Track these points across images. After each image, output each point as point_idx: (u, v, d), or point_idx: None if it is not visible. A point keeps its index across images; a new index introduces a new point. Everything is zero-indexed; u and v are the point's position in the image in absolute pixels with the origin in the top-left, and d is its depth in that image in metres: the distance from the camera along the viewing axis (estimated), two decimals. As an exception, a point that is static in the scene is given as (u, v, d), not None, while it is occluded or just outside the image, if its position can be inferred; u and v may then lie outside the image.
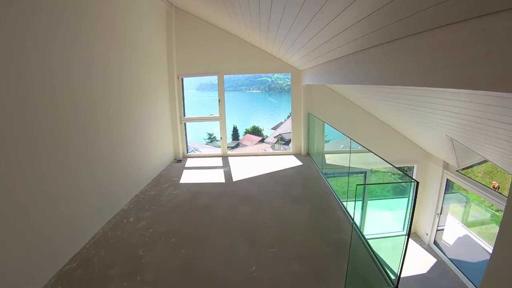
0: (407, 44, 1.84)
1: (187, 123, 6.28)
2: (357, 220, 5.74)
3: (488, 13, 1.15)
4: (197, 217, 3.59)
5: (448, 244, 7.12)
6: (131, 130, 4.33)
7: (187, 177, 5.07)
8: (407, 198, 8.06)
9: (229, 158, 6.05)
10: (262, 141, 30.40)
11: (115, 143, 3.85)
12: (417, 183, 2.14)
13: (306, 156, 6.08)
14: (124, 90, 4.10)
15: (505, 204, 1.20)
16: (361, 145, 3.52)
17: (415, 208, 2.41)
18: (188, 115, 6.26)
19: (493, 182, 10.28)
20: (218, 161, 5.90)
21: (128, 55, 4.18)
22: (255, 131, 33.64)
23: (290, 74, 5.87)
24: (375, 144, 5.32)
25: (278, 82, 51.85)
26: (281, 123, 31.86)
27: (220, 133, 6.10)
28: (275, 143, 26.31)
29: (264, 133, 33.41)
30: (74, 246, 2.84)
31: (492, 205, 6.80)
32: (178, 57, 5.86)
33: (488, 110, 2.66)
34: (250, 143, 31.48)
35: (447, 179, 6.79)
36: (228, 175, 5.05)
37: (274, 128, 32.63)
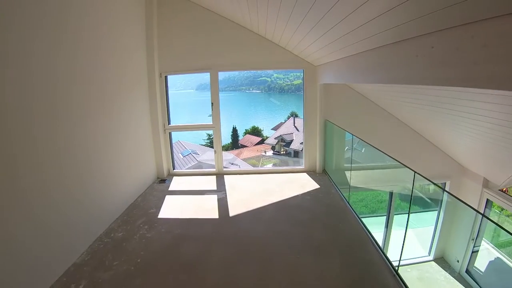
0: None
1: (172, 133, 4.93)
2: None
3: None
4: (176, 287, 2.28)
5: (480, 271, 5.85)
6: (93, 146, 3.03)
7: (170, 207, 3.73)
8: (436, 212, 6.68)
9: (225, 176, 4.70)
10: (262, 142, 29.18)
11: (66, 166, 2.59)
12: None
13: (322, 174, 4.75)
14: (80, 91, 2.78)
15: None
16: (398, 161, 2.81)
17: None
18: (184, 117, 4.91)
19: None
20: (211, 182, 4.56)
21: (87, 45, 2.86)
22: (255, 132, 32.50)
23: (302, 70, 4.53)
24: (400, 155, 3.99)
25: (278, 82, 50.44)
26: (281, 123, 30.72)
27: (214, 146, 4.75)
28: (275, 145, 25.09)
29: (264, 133, 32.29)
30: None
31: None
32: (161, 49, 4.51)
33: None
34: (250, 144, 30.29)
35: (487, 199, 5.54)
36: (223, 205, 3.71)
37: (274, 129, 31.46)
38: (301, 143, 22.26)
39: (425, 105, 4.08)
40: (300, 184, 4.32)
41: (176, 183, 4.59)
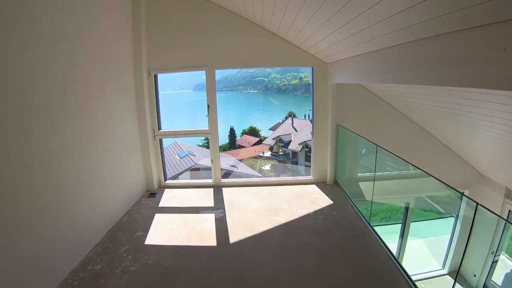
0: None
1: (164, 139, 4.31)
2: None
3: None
4: None
5: (497, 285, 5.33)
6: (71, 156, 2.47)
7: (159, 230, 3.11)
8: (453, 219, 6.07)
9: (223, 189, 4.09)
10: (259, 142, 28.57)
11: (41, 181, 2.12)
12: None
13: (333, 185, 4.16)
14: (58, 92, 2.22)
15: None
16: (424, 171, 2.43)
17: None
18: (181, 117, 4.28)
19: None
20: (208, 196, 3.94)
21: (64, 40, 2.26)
22: (252, 132, 31.93)
23: (311, 68, 3.93)
24: (417, 162, 3.43)
25: (275, 82, 49.74)
26: (279, 123, 30.13)
27: (211, 154, 4.14)
28: (273, 145, 24.50)
29: (262, 133, 31.72)
30: None
31: None
32: (149, 44, 3.89)
33: None
34: (247, 145, 29.68)
35: (509, 210, 5.03)
36: (221, 227, 3.10)
37: (272, 129, 30.87)
38: (300, 144, 21.74)
39: (447, 108, 3.54)
40: (310, 199, 3.72)
41: (167, 197, 3.97)
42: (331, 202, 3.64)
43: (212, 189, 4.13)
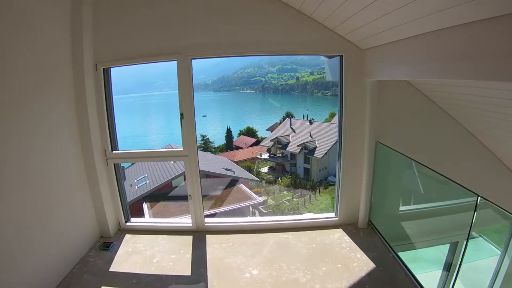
0: None
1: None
2: None
3: None
4: None
5: None
6: None
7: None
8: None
9: (207, 238, 2.67)
10: (257, 143, 27.19)
11: None
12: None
13: (368, 230, 2.77)
14: None
15: None
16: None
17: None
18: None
19: None
20: (184, 251, 2.53)
21: None
22: (250, 133, 30.62)
23: (338, 57, 2.53)
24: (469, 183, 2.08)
25: (272, 82, 48.35)
26: (277, 124, 28.83)
27: (188, 186, 2.69)
28: (271, 147, 23.10)
29: (259, 134, 30.39)
30: None
31: None
32: (97, 25, 2.47)
33: None
34: (244, 145, 28.28)
35: None
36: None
37: (270, 129, 29.54)
38: (298, 146, 20.40)
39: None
40: (339, 259, 2.34)
41: (126, 252, 2.56)
42: (372, 265, 2.27)
43: (191, 237, 2.72)
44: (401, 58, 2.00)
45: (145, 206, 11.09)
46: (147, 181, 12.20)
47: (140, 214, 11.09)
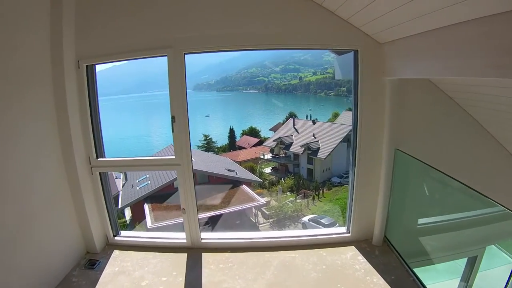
0: None
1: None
2: None
3: None
4: None
5: None
6: None
7: None
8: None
9: (203, 256, 2.36)
10: (260, 143, 26.85)
11: None
12: None
13: (384, 247, 2.43)
14: None
15: None
16: None
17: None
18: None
19: None
20: (177, 272, 2.22)
21: None
22: (252, 133, 30.31)
23: (353, 52, 2.20)
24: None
25: (275, 82, 47.96)
26: (280, 123, 28.47)
27: (181, 199, 2.37)
28: (274, 147, 22.75)
29: (262, 134, 30.07)
30: None
31: None
32: (78, 17, 2.17)
33: None
34: (247, 145, 27.96)
35: None
36: None
37: (273, 129, 29.19)
38: (302, 146, 20.03)
39: None
40: (353, 284, 2.01)
41: (112, 273, 2.25)
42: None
43: (186, 254, 2.40)
44: (431, 53, 1.66)
45: (146, 207, 10.86)
46: (149, 182, 12.00)
47: (142, 215, 10.88)
